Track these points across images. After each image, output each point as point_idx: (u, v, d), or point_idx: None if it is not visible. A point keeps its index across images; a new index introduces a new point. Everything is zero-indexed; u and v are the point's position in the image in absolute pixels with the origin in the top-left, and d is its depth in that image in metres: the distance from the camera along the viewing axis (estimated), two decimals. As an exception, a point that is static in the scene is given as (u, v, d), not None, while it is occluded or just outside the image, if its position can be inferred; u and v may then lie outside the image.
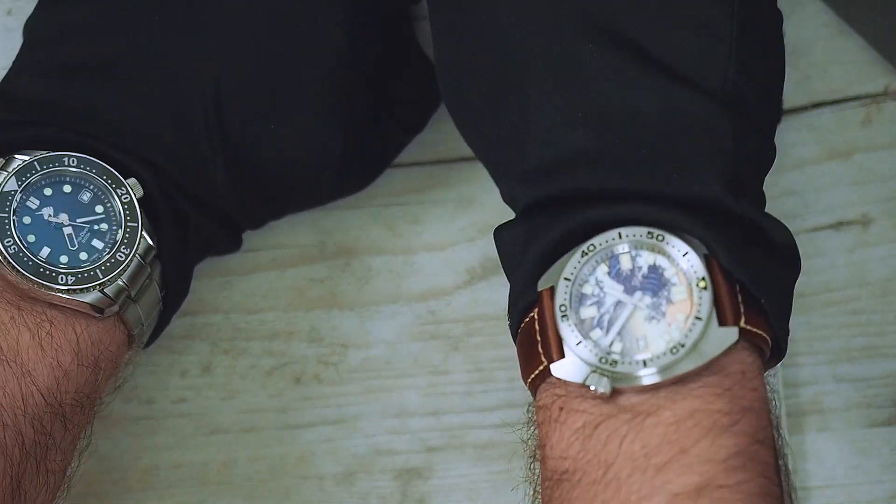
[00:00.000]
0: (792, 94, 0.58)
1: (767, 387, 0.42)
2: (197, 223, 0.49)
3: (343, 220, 0.57)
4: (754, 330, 0.41)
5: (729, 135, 0.43)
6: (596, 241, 0.41)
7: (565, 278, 0.41)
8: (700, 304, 0.40)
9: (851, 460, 0.56)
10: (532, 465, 0.43)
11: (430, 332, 0.57)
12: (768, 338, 0.42)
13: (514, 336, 0.44)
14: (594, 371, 0.40)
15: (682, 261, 0.40)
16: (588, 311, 0.41)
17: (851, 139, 0.58)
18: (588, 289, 0.41)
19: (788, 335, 0.43)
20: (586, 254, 0.41)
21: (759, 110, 0.45)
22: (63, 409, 0.45)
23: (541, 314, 0.42)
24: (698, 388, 0.40)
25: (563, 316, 0.41)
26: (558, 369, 0.41)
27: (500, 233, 0.46)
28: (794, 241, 0.44)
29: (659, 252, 0.41)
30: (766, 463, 0.40)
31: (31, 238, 0.45)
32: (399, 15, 0.54)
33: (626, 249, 0.41)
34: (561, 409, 0.41)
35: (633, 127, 0.43)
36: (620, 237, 0.41)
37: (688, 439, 0.39)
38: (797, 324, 0.57)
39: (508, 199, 0.47)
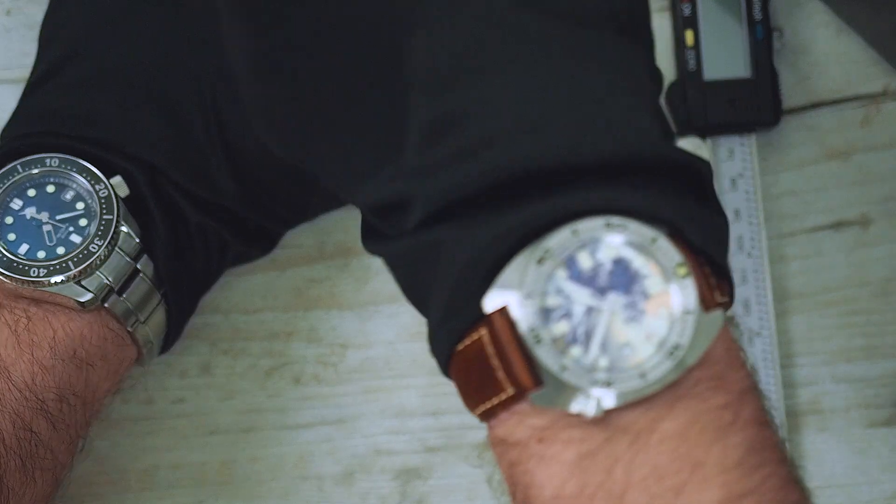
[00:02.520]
0: (791, 94, 0.58)
1: (743, 350, 0.37)
2: (200, 224, 0.49)
3: (343, 220, 0.57)
4: (725, 300, 0.37)
5: (644, 67, 0.37)
6: (550, 243, 0.35)
7: (527, 296, 0.35)
8: (687, 296, 0.35)
9: (851, 460, 0.56)
10: None
11: (429, 333, 0.57)
12: (730, 296, 0.38)
13: (445, 360, 0.38)
14: (580, 394, 0.35)
15: (652, 249, 0.35)
16: (559, 328, 0.35)
17: (851, 139, 0.58)
18: (552, 300, 0.35)
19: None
20: (543, 261, 0.35)
21: (643, 24, 0.40)
22: (45, 405, 0.45)
23: (495, 338, 0.36)
24: (693, 386, 0.35)
25: (537, 340, 0.35)
26: (541, 399, 0.35)
27: (389, 244, 0.39)
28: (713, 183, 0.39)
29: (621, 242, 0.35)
30: (775, 446, 0.36)
31: (11, 237, 0.47)
32: None
33: (586, 248, 0.35)
34: (541, 441, 0.36)
35: (550, 96, 0.37)
36: (577, 234, 0.35)
37: (698, 449, 0.34)
38: (797, 324, 0.57)
39: (389, 201, 0.39)
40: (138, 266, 0.48)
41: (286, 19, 0.40)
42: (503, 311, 0.35)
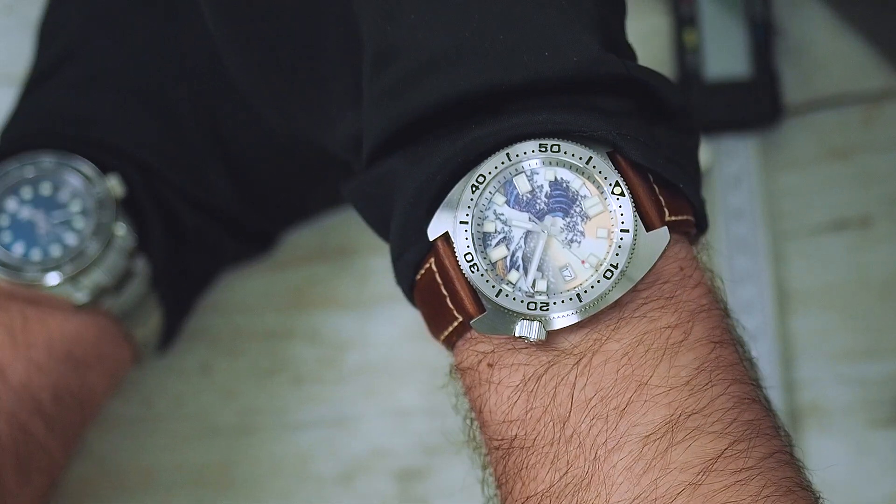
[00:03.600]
0: (793, 94, 0.58)
1: (705, 270, 0.37)
2: (197, 225, 0.49)
3: (343, 220, 0.57)
4: (680, 218, 0.36)
5: None
6: (483, 169, 0.35)
7: (461, 221, 0.35)
8: (623, 214, 0.35)
9: (851, 461, 0.56)
10: (471, 430, 0.38)
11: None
12: (692, 216, 0.37)
13: (408, 292, 0.38)
14: (523, 318, 0.35)
15: (588, 169, 0.35)
16: (497, 252, 0.35)
17: (851, 139, 0.58)
18: (490, 226, 0.36)
19: (705, 203, 0.38)
20: (477, 187, 0.35)
21: None
22: (41, 406, 0.45)
23: (441, 266, 0.36)
24: (639, 307, 0.35)
25: (471, 265, 0.35)
26: (481, 325, 0.35)
27: (351, 181, 0.39)
28: (686, 103, 0.38)
29: (557, 164, 0.35)
30: (732, 365, 0.35)
31: (7, 237, 0.47)
32: None
33: (523, 170, 0.35)
34: (490, 366, 0.36)
35: (490, 19, 0.36)
36: (510, 159, 0.35)
37: (643, 370, 0.34)
38: (798, 324, 0.56)
39: (352, 136, 0.39)
40: (134, 267, 0.48)
41: None
42: (446, 239, 0.36)
